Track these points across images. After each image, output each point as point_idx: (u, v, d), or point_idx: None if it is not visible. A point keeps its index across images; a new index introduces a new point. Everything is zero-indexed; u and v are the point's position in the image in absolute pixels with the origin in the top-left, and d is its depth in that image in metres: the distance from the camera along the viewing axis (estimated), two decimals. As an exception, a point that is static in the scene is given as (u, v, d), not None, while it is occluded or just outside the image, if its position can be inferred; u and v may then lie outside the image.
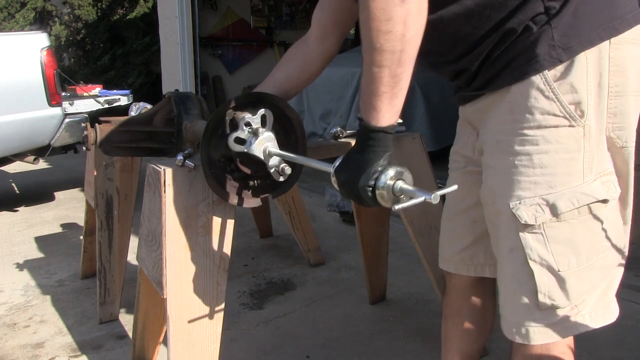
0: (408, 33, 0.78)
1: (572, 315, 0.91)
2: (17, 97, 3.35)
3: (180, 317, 1.20)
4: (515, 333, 0.95)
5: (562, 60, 0.85)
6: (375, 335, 1.95)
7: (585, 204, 0.87)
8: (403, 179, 0.83)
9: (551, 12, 0.84)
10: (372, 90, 0.82)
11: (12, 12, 8.61)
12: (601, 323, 0.94)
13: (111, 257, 2.03)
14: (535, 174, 0.88)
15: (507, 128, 0.91)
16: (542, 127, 0.87)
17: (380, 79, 0.81)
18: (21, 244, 3.08)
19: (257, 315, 2.12)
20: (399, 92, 0.83)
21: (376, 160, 0.84)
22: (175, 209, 1.16)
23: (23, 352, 1.87)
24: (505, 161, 0.91)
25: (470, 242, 1.15)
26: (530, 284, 0.90)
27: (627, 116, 0.90)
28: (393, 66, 0.80)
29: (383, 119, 0.84)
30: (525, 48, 0.86)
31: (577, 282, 0.90)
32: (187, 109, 1.48)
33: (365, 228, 2.04)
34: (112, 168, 1.95)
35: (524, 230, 0.89)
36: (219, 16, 7.16)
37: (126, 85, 8.01)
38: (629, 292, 2.19)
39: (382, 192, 0.83)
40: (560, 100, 0.85)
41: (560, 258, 0.89)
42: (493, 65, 0.91)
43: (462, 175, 1.13)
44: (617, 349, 1.81)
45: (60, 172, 5.29)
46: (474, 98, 0.99)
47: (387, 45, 0.78)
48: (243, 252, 2.84)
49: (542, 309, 0.91)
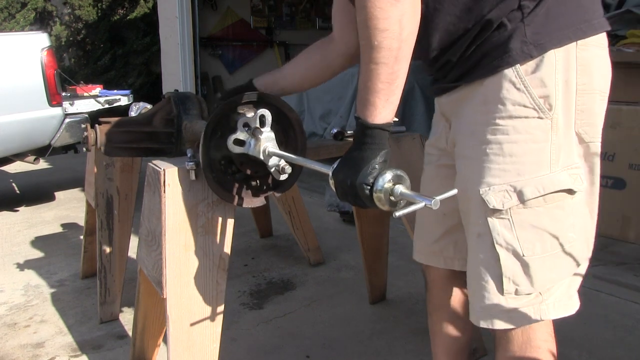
0: (404, 31, 0.83)
1: (537, 303, 0.95)
2: (17, 97, 3.36)
3: (180, 317, 1.20)
4: (479, 318, 0.98)
5: (533, 55, 0.89)
6: (375, 335, 1.95)
7: (551, 191, 0.91)
8: (401, 182, 0.84)
9: (525, 10, 0.89)
10: (369, 87, 0.85)
11: (12, 13, 8.61)
12: (563, 314, 0.97)
13: (111, 257, 2.03)
14: (505, 162, 0.92)
15: (480, 118, 0.95)
16: (513, 117, 0.91)
17: (378, 75, 0.84)
18: (21, 244, 3.08)
19: (257, 315, 2.12)
20: (395, 90, 0.86)
21: (373, 158, 0.86)
22: (175, 209, 1.16)
23: (23, 352, 1.88)
24: (478, 150, 0.95)
25: (440, 234, 1.18)
26: (496, 268, 0.94)
27: (594, 113, 0.94)
28: (390, 63, 0.83)
29: (380, 115, 0.87)
30: (499, 43, 0.91)
31: (542, 269, 0.93)
32: (187, 109, 1.48)
33: (365, 228, 2.04)
34: (112, 168, 1.96)
35: (492, 215, 0.93)
36: (219, 16, 7.16)
37: (126, 85, 8.01)
38: (629, 292, 2.19)
39: (379, 195, 0.83)
40: (530, 92, 0.90)
41: (525, 244, 0.92)
42: (469, 58, 0.95)
43: (435, 169, 1.17)
44: (617, 349, 1.81)
45: (60, 172, 5.29)
46: (450, 90, 1.03)
47: (384, 42, 0.82)
48: (243, 252, 2.84)
49: (506, 294, 0.94)
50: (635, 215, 2.82)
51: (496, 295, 0.94)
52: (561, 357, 1.08)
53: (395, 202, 0.84)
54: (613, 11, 3.31)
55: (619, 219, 2.87)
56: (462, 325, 1.26)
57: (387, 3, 0.80)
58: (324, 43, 1.28)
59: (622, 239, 2.85)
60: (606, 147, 2.89)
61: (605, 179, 2.92)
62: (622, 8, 3.27)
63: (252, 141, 1.09)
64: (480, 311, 0.97)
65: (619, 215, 2.86)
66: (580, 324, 1.97)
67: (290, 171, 1.09)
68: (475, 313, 0.99)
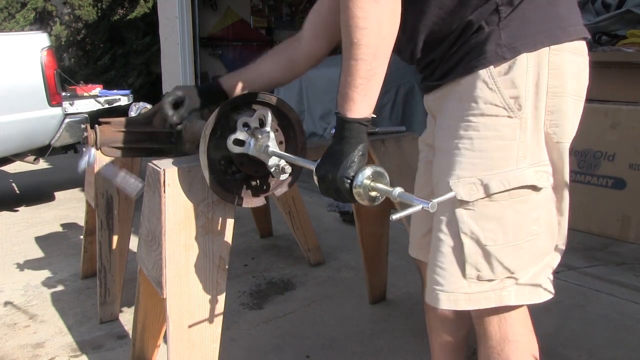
0: (382, 31, 0.89)
1: (498, 289, 1.00)
2: (17, 97, 3.35)
3: (180, 317, 1.20)
4: (443, 299, 1.01)
5: (506, 58, 0.94)
6: (375, 335, 1.95)
7: (515, 187, 0.96)
8: (381, 179, 0.88)
9: (502, 15, 0.94)
10: (349, 82, 0.91)
11: (12, 13, 8.61)
12: (525, 301, 1.01)
13: (111, 257, 2.03)
14: (475, 156, 0.97)
15: (455, 115, 1.00)
16: (484, 115, 0.96)
17: (357, 71, 0.90)
18: (21, 244, 3.08)
19: (257, 315, 2.12)
20: (374, 86, 0.92)
21: (351, 152, 0.91)
22: (175, 209, 1.16)
23: (23, 352, 1.88)
24: (451, 144, 1.00)
25: (428, 229, 1.20)
26: (460, 254, 0.99)
27: (564, 115, 0.98)
28: (369, 59, 0.89)
29: (358, 110, 0.92)
30: (477, 44, 0.96)
31: (503, 258, 0.98)
32: (187, 109, 1.48)
33: (365, 228, 2.04)
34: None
35: (460, 205, 0.98)
36: (219, 16, 7.16)
37: (126, 85, 8.01)
38: (629, 292, 2.19)
39: (359, 190, 0.87)
40: (501, 92, 0.94)
41: (488, 234, 0.97)
42: (451, 58, 1.00)
43: (423, 165, 1.23)
44: (617, 349, 1.81)
45: (60, 172, 5.29)
46: (435, 88, 1.08)
47: (364, 40, 0.88)
48: (243, 252, 2.84)
49: (468, 279, 0.99)
50: (635, 215, 2.82)
51: (459, 279, 0.99)
52: (561, 357, 1.08)
53: (374, 197, 0.88)
54: (613, 11, 3.31)
55: (619, 219, 2.87)
56: (458, 321, 1.28)
57: (368, 3, 0.86)
58: (291, 45, 1.33)
59: (622, 239, 2.85)
60: (606, 147, 2.92)
61: (605, 179, 2.93)
62: (622, 8, 3.27)
63: (252, 141, 1.09)
64: (441, 292, 1.01)
65: (619, 215, 2.87)
66: (580, 324, 1.97)
67: (290, 171, 1.09)
68: (435, 293, 1.03)
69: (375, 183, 0.87)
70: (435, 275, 1.03)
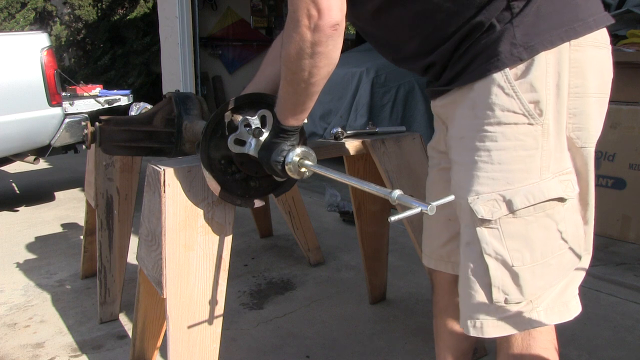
0: (312, 79, 0.91)
1: (527, 311, 0.93)
2: (17, 97, 3.35)
3: (180, 317, 1.20)
4: (469, 326, 0.96)
5: (522, 58, 0.86)
6: (376, 335, 1.95)
7: (541, 201, 0.89)
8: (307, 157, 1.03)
9: (514, 10, 0.86)
10: (281, 103, 1.00)
11: (12, 13, 8.60)
12: (556, 320, 0.96)
13: (111, 257, 2.03)
14: (494, 169, 0.89)
15: (469, 124, 0.93)
16: (501, 123, 0.88)
17: (286, 100, 0.98)
18: (21, 244, 3.08)
19: (257, 315, 2.12)
20: (303, 110, 1.00)
21: (283, 144, 1.03)
22: (175, 209, 1.16)
23: (23, 352, 1.88)
24: (467, 157, 0.93)
25: (446, 239, 1.17)
26: (485, 277, 0.92)
27: (587, 117, 0.91)
28: (297, 94, 0.95)
29: (289, 122, 1.02)
30: (488, 45, 0.88)
31: (532, 278, 0.91)
32: (187, 109, 1.48)
33: (365, 228, 2.04)
34: (112, 168, 1.95)
35: (481, 225, 0.91)
36: (219, 16, 7.16)
37: (126, 85, 8.01)
38: (629, 292, 2.19)
39: (289, 166, 1.02)
40: (520, 97, 0.87)
41: (514, 254, 0.90)
42: (459, 61, 0.93)
43: (437, 173, 1.16)
44: (617, 349, 1.81)
45: (60, 172, 5.29)
46: (443, 93, 1.01)
47: (294, 80, 0.92)
48: (243, 252, 2.84)
49: (496, 303, 0.92)
50: (635, 215, 2.82)
51: (485, 304, 0.93)
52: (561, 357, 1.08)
53: (303, 172, 1.03)
54: (613, 11, 3.31)
55: (619, 219, 2.87)
56: None
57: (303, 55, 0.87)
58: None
59: (622, 239, 2.85)
60: (606, 147, 2.92)
61: (605, 179, 2.93)
62: (622, 8, 3.27)
63: (253, 141, 1.09)
64: (469, 319, 0.96)
65: (619, 215, 2.87)
66: (580, 324, 1.97)
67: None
68: (465, 320, 0.98)
69: (303, 160, 1.01)
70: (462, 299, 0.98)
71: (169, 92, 1.52)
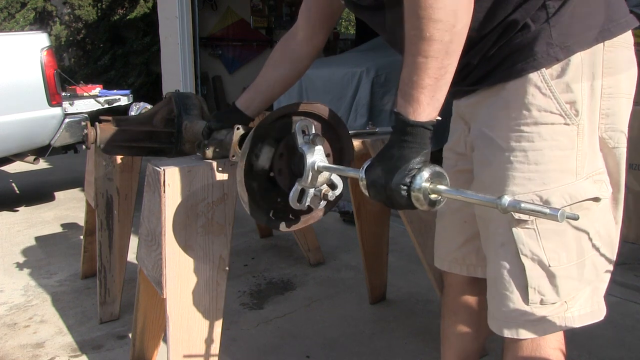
0: (458, 24, 0.77)
1: (562, 312, 0.93)
2: (17, 97, 3.35)
3: (180, 317, 1.20)
4: (502, 327, 0.96)
5: (559, 59, 0.86)
6: (376, 335, 1.95)
7: (577, 201, 0.89)
8: (441, 181, 0.80)
9: (550, 10, 0.85)
10: (415, 82, 0.79)
11: (12, 12, 8.62)
12: (589, 321, 0.95)
13: (111, 257, 2.03)
14: (530, 170, 0.89)
15: (502, 124, 0.92)
16: (538, 123, 0.88)
17: (427, 70, 0.78)
18: (21, 244, 3.08)
19: (257, 315, 2.12)
20: (443, 86, 0.80)
21: (413, 157, 0.80)
22: (175, 209, 1.16)
23: (23, 352, 1.87)
24: (501, 157, 0.92)
25: (461, 242, 1.16)
26: (521, 278, 0.92)
27: (619, 117, 0.91)
28: (440, 57, 0.77)
29: (424, 113, 0.80)
30: (523, 45, 0.87)
31: (567, 278, 0.91)
32: (188, 109, 1.48)
33: (365, 228, 2.04)
34: (112, 168, 1.95)
35: (517, 225, 0.90)
36: (219, 16, 7.16)
37: (126, 85, 8.01)
38: (629, 292, 2.19)
39: (417, 194, 0.78)
40: (557, 98, 0.87)
41: (551, 254, 0.90)
42: (490, 61, 0.92)
43: (453, 175, 1.13)
44: (617, 349, 1.81)
45: (60, 172, 5.29)
46: (469, 93, 0.99)
47: (437, 34, 0.76)
48: (243, 252, 2.84)
49: (531, 304, 0.92)
50: (635, 215, 2.82)
51: (521, 305, 0.93)
52: (561, 357, 1.09)
53: (434, 201, 0.79)
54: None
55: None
56: (476, 332, 1.24)
57: None
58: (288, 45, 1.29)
59: (622, 239, 2.85)
60: (606, 147, 2.91)
61: (605, 179, 2.92)
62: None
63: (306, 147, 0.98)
64: (503, 320, 0.95)
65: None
66: (580, 324, 1.97)
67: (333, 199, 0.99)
68: (497, 322, 0.97)
69: (435, 185, 0.78)
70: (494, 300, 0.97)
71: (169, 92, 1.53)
